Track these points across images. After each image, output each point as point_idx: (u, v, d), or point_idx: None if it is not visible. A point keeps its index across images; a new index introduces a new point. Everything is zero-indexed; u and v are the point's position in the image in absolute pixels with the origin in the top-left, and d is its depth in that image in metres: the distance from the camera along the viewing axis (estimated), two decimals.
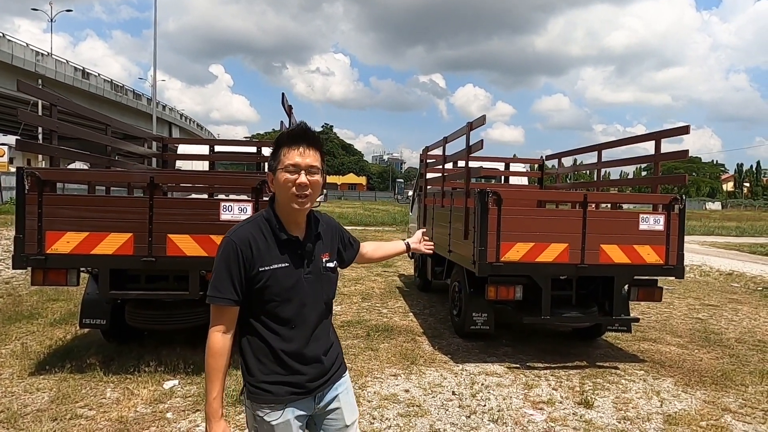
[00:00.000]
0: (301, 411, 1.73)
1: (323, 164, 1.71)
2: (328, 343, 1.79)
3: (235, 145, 8.69)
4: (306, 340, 1.71)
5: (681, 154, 5.56)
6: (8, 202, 23.02)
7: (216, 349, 1.65)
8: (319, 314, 1.76)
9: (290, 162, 1.64)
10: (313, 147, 1.67)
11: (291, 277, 1.68)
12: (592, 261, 4.81)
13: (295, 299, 1.68)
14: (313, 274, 1.73)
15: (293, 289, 1.68)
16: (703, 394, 4.35)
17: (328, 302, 1.80)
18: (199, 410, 3.72)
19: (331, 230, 1.86)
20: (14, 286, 7.86)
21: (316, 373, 1.74)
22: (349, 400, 1.85)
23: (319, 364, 1.75)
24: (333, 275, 1.81)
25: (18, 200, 4.14)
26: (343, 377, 1.85)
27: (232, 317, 1.67)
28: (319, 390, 1.76)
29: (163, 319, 4.68)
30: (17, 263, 4.15)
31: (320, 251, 1.77)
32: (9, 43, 32.28)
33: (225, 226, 4.22)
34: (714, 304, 8.31)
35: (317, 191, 1.68)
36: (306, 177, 1.64)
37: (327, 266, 1.78)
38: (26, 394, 3.92)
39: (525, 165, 9.15)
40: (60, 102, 4.96)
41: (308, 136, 1.68)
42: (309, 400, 1.75)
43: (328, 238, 1.82)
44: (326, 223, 1.85)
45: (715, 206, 69.14)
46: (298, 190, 1.64)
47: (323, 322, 1.78)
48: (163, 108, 51.31)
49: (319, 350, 1.75)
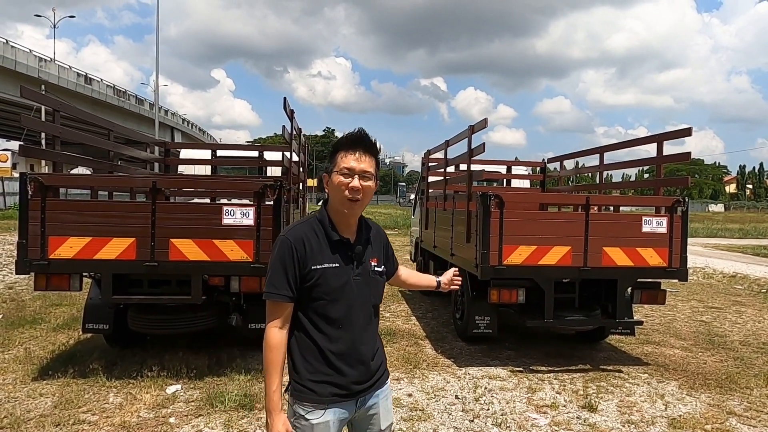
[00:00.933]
0: (342, 413, 1.76)
1: (377, 171, 1.77)
2: (374, 347, 1.82)
3: (237, 149, 8.71)
4: (352, 341, 1.74)
5: (683, 156, 5.55)
6: (11, 207, 23.09)
7: (273, 343, 1.71)
8: (367, 317, 1.79)
9: (345, 166, 1.70)
10: (369, 153, 1.73)
11: (340, 278, 1.72)
12: (595, 264, 4.80)
13: (343, 300, 1.73)
14: (362, 277, 1.77)
15: (342, 289, 1.72)
16: (708, 398, 4.33)
17: (375, 306, 1.84)
18: (202, 415, 3.72)
19: (380, 238, 1.91)
20: (17, 291, 7.87)
21: (361, 376, 1.77)
22: (387, 405, 1.87)
23: (364, 367, 1.78)
24: (381, 279, 1.86)
25: (21, 205, 4.15)
26: (386, 383, 1.88)
27: (287, 313, 1.72)
28: (362, 394, 1.78)
29: (165, 324, 4.69)
30: (20, 268, 4.16)
31: (369, 255, 1.82)
32: (12, 49, 32.46)
33: (227, 231, 4.25)
34: (718, 306, 8.27)
35: (369, 196, 1.74)
36: (359, 181, 1.70)
37: (375, 270, 1.82)
38: (29, 399, 3.92)
39: (527, 168, 9.14)
40: (63, 107, 4.98)
41: (365, 142, 1.74)
42: (351, 403, 1.77)
43: (377, 245, 1.87)
44: (376, 230, 1.91)
45: (717, 208, 69.01)
46: (350, 193, 1.69)
47: (370, 326, 1.82)
48: (165, 113, 51.48)
49: (364, 353, 1.78)
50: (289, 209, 5.21)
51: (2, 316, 6.32)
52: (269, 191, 4.30)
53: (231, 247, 4.25)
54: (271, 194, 4.30)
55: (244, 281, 4.45)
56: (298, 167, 6.73)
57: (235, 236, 4.25)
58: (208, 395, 3.98)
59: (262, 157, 7.85)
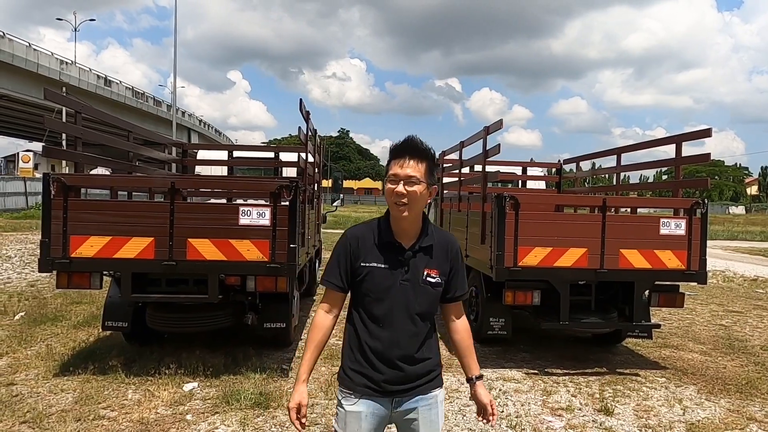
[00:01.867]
0: (376, 409, 1.83)
1: (428, 175, 1.78)
2: (415, 353, 1.83)
3: (253, 150, 8.80)
4: (390, 342, 1.81)
5: (703, 158, 5.47)
6: (33, 207, 23.60)
7: (316, 322, 1.88)
8: (408, 322, 1.82)
9: (392, 172, 1.78)
10: (416, 158, 1.77)
11: (387, 279, 1.81)
12: (612, 266, 4.75)
13: (387, 301, 1.81)
14: (410, 282, 1.81)
15: (387, 290, 1.80)
16: (728, 403, 4.26)
17: (421, 313, 1.83)
18: (218, 413, 3.77)
19: (445, 252, 1.87)
20: (39, 289, 8.05)
21: (395, 377, 1.82)
22: (430, 417, 1.86)
23: (398, 370, 1.81)
24: (433, 290, 1.84)
25: (44, 205, 4.24)
26: (431, 393, 1.87)
27: (337, 301, 1.89)
28: (397, 395, 1.83)
29: (183, 323, 4.75)
30: (43, 266, 4.25)
31: (423, 264, 1.83)
32: (35, 52, 33.17)
33: (244, 231, 4.29)
34: (738, 310, 8.12)
35: (416, 201, 1.77)
36: (404, 187, 1.75)
37: (427, 279, 1.82)
38: (51, 394, 4.01)
39: (542, 169, 9.07)
40: (85, 109, 5.08)
41: (410, 148, 1.79)
42: (385, 401, 1.83)
43: (440, 257, 1.85)
44: (445, 243, 1.88)
45: (738, 210, 67.67)
46: (395, 198, 1.76)
47: (413, 332, 1.82)
48: (182, 114, 52.14)
49: (402, 356, 1.81)
50: (304, 210, 5.25)
51: (25, 313, 6.46)
52: (285, 192, 4.33)
53: (247, 247, 4.29)
54: (286, 195, 4.34)
55: (260, 281, 4.49)
56: (313, 168, 6.78)
57: (251, 236, 4.30)
58: (224, 393, 4.03)
59: (277, 158, 7.93)
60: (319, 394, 4.15)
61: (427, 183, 1.78)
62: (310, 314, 6.87)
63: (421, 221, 1.86)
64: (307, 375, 1.85)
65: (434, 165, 1.83)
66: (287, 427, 3.60)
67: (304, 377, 1.83)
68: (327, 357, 5.07)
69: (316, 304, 7.51)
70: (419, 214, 1.82)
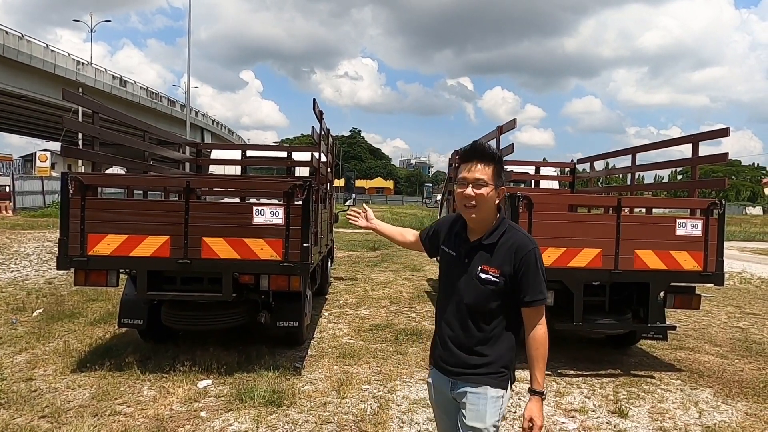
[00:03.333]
0: (438, 384, 2.03)
1: (496, 178, 1.87)
2: (466, 341, 1.93)
3: (267, 149, 8.86)
4: (442, 323, 2.01)
5: (720, 158, 5.39)
6: (51, 205, 23.97)
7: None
8: (458, 310, 1.95)
9: (461, 176, 1.91)
10: (483, 162, 1.87)
11: (450, 266, 2.00)
12: (626, 267, 4.70)
13: (448, 285, 2.00)
14: (467, 274, 1.94)
15: (449, 276, 2.00)
16: (745, 406, 4.20)
17: (470, 304, 1.92)
18: (231, 410, 3.80)
19: (511, 253, 1.87)
20: (56, 286, 8.18)
21: (448, 357, 1.98)
22: (477, 406, 1.90)
23: (449, 351, 1.97)
24: (482, 287, 1.89)
25: (62, 204, 4.31)
26: (480, 387, 1.90)
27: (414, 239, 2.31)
28: (452, 375, 1.97)
29: (197, 320, 4.80)
30: (62, 264, 4.32)
31: (481, 260, 1.92)
32: (52, 53, 33.69)
33: (257, 230, 4.33)
34: (755, 312, 7.99)
35: (484, 203, 1.87)
36: (472, 190, 1.86)
37: (479, 275, 1.90)
38: (69, 390, 4.08)
39: (556, 169, 9.01)
40: (102, 109, 5.16)
41: (477, 152, 1.89)
42: (445, 379, 2.00)
43: (503, 257, 1.89)
44: (513, 244, 1.89)
45: (756, 211, 66.49)
46: (464, 201, 1.88)
47: (463, 321, 1.94)
48: (196, 114, 52.60)
49: (452, 339, 1.96)
50: (317, 209, 5.27)
51: (43, 310, 6.57)
52: (298, 191, 4.36)
53: (261, 245, 4.33)
54: (300, 194, 4.36)
55: (274, 279, 4.52)
56: (326, 168, 6.80)
57: (264, 235, 4.33)
58: (238, 390, 4.06)
59: (290, 158, 7.97)
60: (331, 393, 4.17)
61: (494, 185, 1.87)
62: (322, 313, 6.90)
63: (495, 221, 1.94)
64: (378, 223, 2.39)
65: (502, 168, 1.91)
66: (300, 424, 3.62)
67: (378, 221, 2.39)
68: (339, 356, 5.09)
69: (328, 303, 7.54)
70: (488, 214, 1.91)
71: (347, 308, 7.29)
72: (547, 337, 1.92)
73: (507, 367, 1.95)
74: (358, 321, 6.57)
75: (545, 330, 1.91)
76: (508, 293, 1.89)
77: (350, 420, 3.71)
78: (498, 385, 1.92)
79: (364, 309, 7.29)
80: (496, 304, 1.89)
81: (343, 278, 9.72)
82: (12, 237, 14.64)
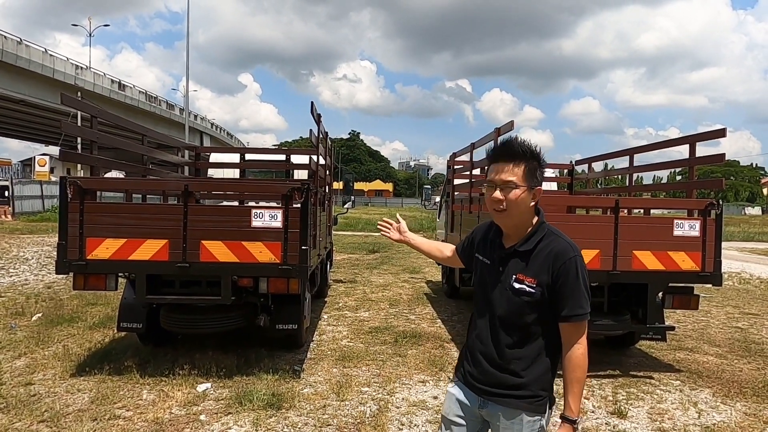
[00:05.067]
0: (464, 398, 1.87)
1: (527, 178, 1.70)
2: (495, 356, 1.78)
3: (265, 153, 8.87)
4: (476, 336, 1.86)
5: (717, 158, 5.40)
6: (50, 210, 23.97)
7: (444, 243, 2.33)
8: (490, 323, 1.81)
9: (489, 178, 1.78)
10: (512, 162, 1.71)
11: (485, 275, 1.86)
12: (625, 267, 4.71)
13: (482, 296, 1.87)
14: (500, 284, 1.80)
15: (483, 286, 1.86)
16: (744, 406, 4.20)
17: (503, 317, 1.76)
18: (231, 413, 3.80)
19: (549, 262, 1.71)
20: (56, 291, 8.17)
21: (479, 374, 1.83)
22: (512, 429, 1.76)
23: (482, 367, 1.82)
24: (516, 298, 1.73)
25: (61, 208, 4.31)
26: (518, 414, 1.74)
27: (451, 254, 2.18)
28: (481, 393, 1.82)
29: (196, 324, 4.80)
30: (60, 268, 4.32)
31: (516, 269, 1.76)
32: (51, 57, 33.68)
33: (256, 233, 4.33)
34: (754, 312, 8.00)
35: (515, 207, 1.72)
36: (500, 193, 1.72)
37: (513, 285, 1.74)
38: (68, 394, 4.08)
39: (554, 170, 9.02)
40: (101, 114, 5.17)
41: (504, 152, 1.75)
42: (472, 396, 1.85)
43: (540, 265, 1.72)
44: (550, 252, 1.72)
45: (755, 211, 66.60)
46: (494, 205, 1.76)
47: (495, 335, 1.79)
48: (194, 117, 52.61)
49: (484, 353, 1.81)
50: (316, 212, 5.28)
51: (42, 314, 6.57)
52: (297, 194, 4.37)
53: (259, 248, 4.33)
54: (298, 197, 4.37)
55: (272, 282, 4.53)
56: (324, 170, 6.81)
57: (263, 238, 4.34)
58: (237, 394, 4.07)
59: (289, 161, 7.99)
60: (331, 396, 4.17)
61: (527, 186, 1.70)
62: (321, 315, 6.90)
63: (533, 225, 1.78)
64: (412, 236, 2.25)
65: (536, 165, 1.72)
66: (299, 427, 3.62)
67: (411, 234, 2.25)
68: (338, 359, 5.10)
69: (328, 305, 7.55)
70: (522, 218, 1.75)
71: (346, 311, 7.30)
72: (586, 359, 1.71)
73: (546, 389, 1.77)
74: (357, 323, 6.57)
75: (585, 351, 1.71)
76: (546, 306, 1.71)
77: (349, 422, 3.72)
78: (535, 410, 1.75)
79: (363, 311, 7.29)
80: (532, 318, 1.72)
81: (342, 281, 9.72)
82: (11, 241, 14.63)
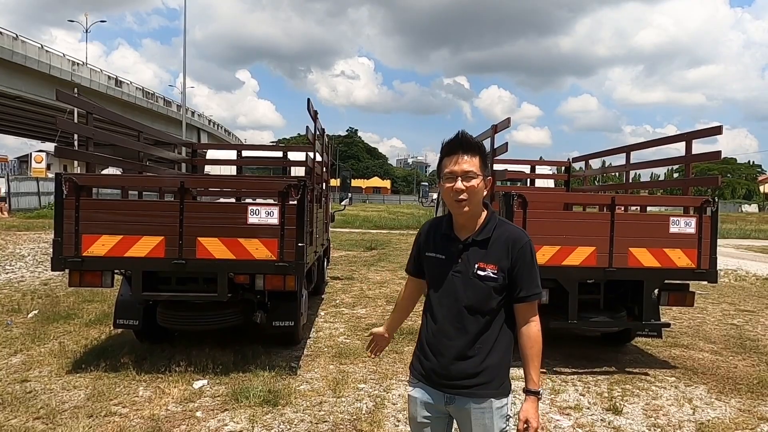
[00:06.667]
0: (428, 398, 1.89)
1: (483, 168, 1.79)
2: (464, 348, 1.81)
3: (262, 149, 8.85)
4: (437, 331, 1.87)
5: (714, 155, 5.42)
6: (46, 206, 23.89)
7: (396, 303, 2.22)
8: (455, 314, 1.83)
9: (447, 170, 1.80)
10: (469, 153, 1.78)
11: (441, 270, 1.87)
12: (621, 264, 4.72)
13: (440, 291, 1.87)
14: (461, 275, 1.83)
15: (441, 281, 1.87)
16: (738, 402, 4.22)
17: (469, 307, 1.81)
18: (227, 410, 3.80)
19: (507, 248, 1.80)
20: (52, 288, 8.16)
21: (441, 369, 1.85)
22: (483, 421, 1.81)
23: (445, 360, 1.84)
24: (482, 284, 1.80)
25: (57, 205, 4.31)
26: (486, 400, 1.81)
27: (412, 285, 2.12)
28: (446, 389, 1.85)
29: (192, 321, 4.80)
30: (56, 265, 4.31)
31: (476, 257, 1.82)
32: (47, 54, 33.54)
33: (252, 230, 4.33)
34: (750, 309, 8.03)
35: (475, 195, 1.79)
36: (462, 183, 1.76)
37: (477, 272, 1.80)
38: (64, 391, 4.07)
39: (551, 167, 9.04)
40: (96, 110, 5.15)
41: (462, 144, 1.79)
42: (437, 394, 1.87)
43: (499, 252, 1.80)
44: (507, 238, 1.82)
45: (751, 209, 66.82)
46: (455, 195, 1.78)
47: (461, 324, 1.82)
48: (192, 114, 52.47)
49: (447, 347, 1.84)
50: (312, 209, 5.28)
51: (38, 311, 6.56)
52: (293, 191, 4.36)
53: (256, 245, 4.33)
54: (294, 194, 4.37)
55: (269, 279, 4.52)
56: (321, 167, 6.80)
57: (259, 235, 4.33)
58: (234, 390, 4.07)
59: (286, 158, 7.97)
60: (327, 392, 4.18)
61: (483, 175, 1.79)
62: (318, 312, 6.90)
63: (484, 216, 1.85)
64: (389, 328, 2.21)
65: (486, 157, 1.83)
66: (296, 424, 3.63)
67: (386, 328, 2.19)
68: (335, 355, 5.10)
69: (325, 302, 7.55)
70: (479, 206, 1.83)
71: (343, 308, 7.30)
72: (540, 333, 1.85)
73: (506, 373, 1.88)
74: (354, 320, 6.58)
75: (539, 326, 1.85)
76: (506, 290, 1.82)
77: (346, 419, 3.72)
78: (502, 394, 1.85)
79: (360, 308, 7.29)
80: (496, 302, 1.81)
81: (339, 277, 9.73)
82: (7, 238, 14.59)
